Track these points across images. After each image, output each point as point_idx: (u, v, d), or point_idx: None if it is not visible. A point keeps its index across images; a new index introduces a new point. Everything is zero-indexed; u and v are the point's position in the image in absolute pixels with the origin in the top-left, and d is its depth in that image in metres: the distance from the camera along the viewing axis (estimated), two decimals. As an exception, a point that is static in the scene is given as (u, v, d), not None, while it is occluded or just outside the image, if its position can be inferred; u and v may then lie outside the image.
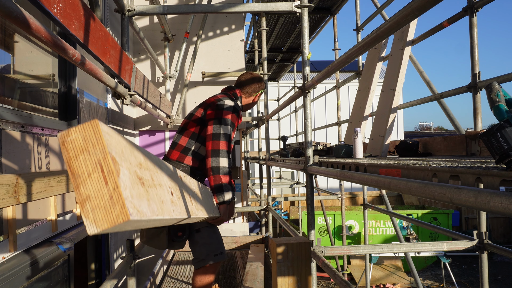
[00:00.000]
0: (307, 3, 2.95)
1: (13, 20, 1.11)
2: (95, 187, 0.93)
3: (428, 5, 1.17)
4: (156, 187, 1.27)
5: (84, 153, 0.96)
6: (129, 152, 1.14)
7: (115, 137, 1.06)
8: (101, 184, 0.93)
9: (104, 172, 0.94)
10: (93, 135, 0.97)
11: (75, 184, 0.93)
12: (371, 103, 4.05)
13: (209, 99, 2.59)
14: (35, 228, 2.48)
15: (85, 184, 0.93)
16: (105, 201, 0.93)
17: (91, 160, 0.95)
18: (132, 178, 1.06)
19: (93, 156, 0.95)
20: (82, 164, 0.95)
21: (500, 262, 11.08)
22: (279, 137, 9.39)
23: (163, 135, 5.52)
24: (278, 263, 2.46)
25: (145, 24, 5.54)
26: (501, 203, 0.82)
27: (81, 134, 0.98)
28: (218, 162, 2.31)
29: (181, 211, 1.53)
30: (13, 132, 2.25)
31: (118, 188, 0.94)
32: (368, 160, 2.33)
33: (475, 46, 2.90)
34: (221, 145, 2.32)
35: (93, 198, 0.92)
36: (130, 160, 1.12)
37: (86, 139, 0.97)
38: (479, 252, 2.81)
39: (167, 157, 2.52)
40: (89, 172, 0.94)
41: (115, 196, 0.93)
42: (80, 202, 0.93)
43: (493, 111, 1.21)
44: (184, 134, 2.48)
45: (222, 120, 2.37)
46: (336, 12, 6.25)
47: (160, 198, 1.27)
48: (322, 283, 9.43)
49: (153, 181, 1.26)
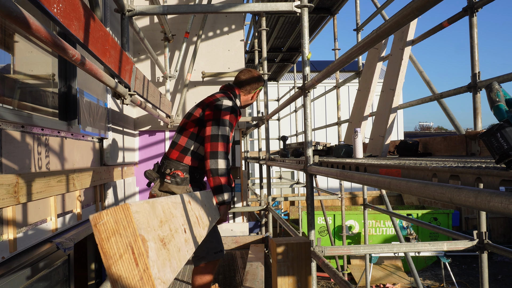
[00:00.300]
0: (307, 3, 2.95)
1: (13, 20, 1.11)
2: (126, 268, 0.98)
3: (428, 5, 1.17)
4: (174, 237, 1.35)
5: (115, 235, 1.00)
6: (152, 215, 1.20)
7: (142, 210, 1.12)
8: (132, 265, 0.98)
9: (135, 254, 0.99)
10: (124, 218, 1.02)
11: (107, 264, 0.99)
12: (371, 103, 4.05)
13: (207, 99, 2.59)
14: (35, 228, 2.48)
15: (117, 265, 0.98)
16: (135, 282, 0.98)
17: (123, 242, 1.00)
18: (157, 247, 1.13)
19: (124, 238, 1.00)
20: (113, 245, 1.00)
21: (500, 262, 11.08)
22: (279, 137, 9.39)
23: (163, 135, 5.52)
24: (278, 263, 2.46)
25: (145, 24, 5.54)
26: (501, 203, 0.82)
27: (112, 217, 1.02)
28: (217, 164, 2.32)
29: (193, 244, 1.64)
30: (13, 132, 2.25)
31: (148, 269, 1.00)
32: (368, 160, 2.33)
33: (475, 46, 2.90)
34: (219, 146, 2.34)
35: (124, 278, 0.97)
36: (154, 224, 1.18)
37: (118, 221, 1.01)
38: (479, 252, 2.81)
39: (167, 156, 2.53)
40: (120, 253, 0.99)
41: (145, 277, 0.99)
42: (112, 282, 0.98)
43: (493, 111, 1.21)
44: (183, 134, 2.50)
45: (220, 121, 2.38)
46: (336, 12, 6.25)
47: (177, 247, 1.36)
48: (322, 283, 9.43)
49: (170, 231, 1.34)
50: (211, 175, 2.34)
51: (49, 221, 2.67)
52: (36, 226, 2.49)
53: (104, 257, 0.99)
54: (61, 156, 2.92)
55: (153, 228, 1.15)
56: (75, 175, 2.98)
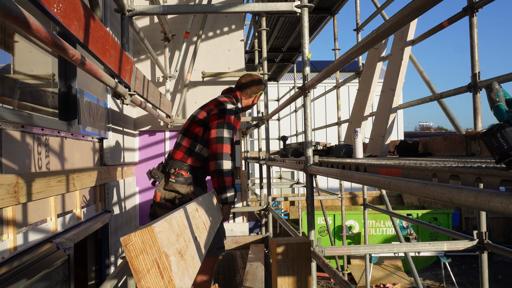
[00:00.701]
0: (307, 3, 2.95)
1: (13, 20, 1.11)
2: (153, 280, 1.16)
3: (428, 5, 1.17)
4: (188, 247, 1.52)
5: (143, 253, 1.18)
6: (170, 231, 1.37)
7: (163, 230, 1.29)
8: (158, 278, 1.16)
9: (160, 268, 1.17)
10: (150, 238, 1.19)
11: (137, 278, 1.16)
12: (371, 103, 4.04)
13: (211, 102, 2.70)
14: (35, 228, 2.48)
15: (145, 278, 1.15)
16: None
17: (149, 258, 1.18)
18: (176, 260, 1.30)
19: (150, 255, 1.18)
20: (141, 262, 1.17)
21: (500, 262, 11.08)
22: (279, 137, 9.39)
23: (163, 135, 5.52)
24: (278, 263, 2.46)
25: (145, 24, 5.54)
26: (501, 203, 0.82)
27: (140, 238, 1.19)
28: (222, 165, 2.42)
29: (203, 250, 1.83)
30: (13, 132, 2.25)
31: (172, 281, 1.18)
32: (368, 160, 2.33)
33: (475, 46, 2.90)
34: (224, 148, 2.44)
35: None
36: (172, 240, 1.35)
37: (144, 242, 1.18)
38: (479, 252, 2.81)
39: (172, 156, 2.60)
40: (148, 268, 1.17)
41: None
42: None
43: (493, 111, 1.21)
44: (188, 136, 2.59)
45: (225, 124, 2.49)
46: (336, 12, 6.25)
47: (191, 255, 1.53)
48: (322, 283, 9.43)
49: (185, 242, 1.51)
50: (215, 176, 2.43)
51: (49, 221, 2.67)
52: (36, 226, 2.49)
53: (134, 272, 1.15)
54: (61, 156, 2.92)
55: (172, 243, 1.32)
56: (75, 175, 2.98)
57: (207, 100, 2.94)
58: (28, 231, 2.38)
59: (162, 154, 5.52)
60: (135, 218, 5.33)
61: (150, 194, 5.43)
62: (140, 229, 1.20)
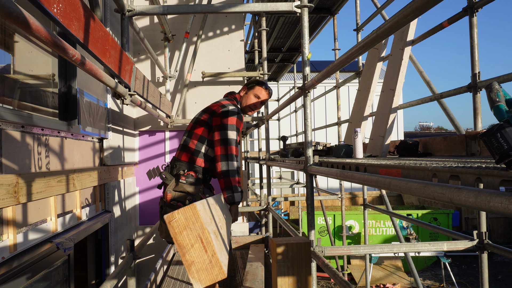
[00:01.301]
0: (307, 3, 2.95)
1: (13, 20, 1.11)
2: (197, 254, 1.24)
3: (428, 5, 1.17)
4: (219, 231, 1.62)
5: (186, 229, 1.26)
6: (206, 213, 1.44)
7: (202, 209, 1.36)
8: (202, 252, 1.24)
9: (204, 243, 1.26)
10: (192, 215, 1.27)
11: (181, 252, 1.24)
12: (371, 103, 4.04)
13: (213, 105, 2.75)
14: (35, 228, 2.48)
15: (189, 252, 1.23)
16: (206, 265, 1.23)
17: (192, 234, 1.26)
18: (214, 238, 1.37)
19: (193, 231, 1.26)
20: (185, 238, 1.25)
21: (500, 262, 11.07)
22: (279, 137, 9.39)
23: (163, 135, 5.52)
24: (278, 263, 2.46)
25: (145, 24, 5.54)
26: (501, 203, 0.82)
27: (183, 215, 1.27)
28: (228, 166, 2.48)
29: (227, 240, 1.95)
30: (13, 132, 2.25)
31: (215, 254, 1.27)
32: (368, 160, 2.33)
33: (475, 46, 2.90)
34: (229, 149, 2.50)
35: (197, 263, 1.23)
36: (208, 221, 1.42)
37: (187, 218, 1.27)
38: (479, 252, 2.81)
39: (178, 158, 2.63)
40: (192, 243, 1.25)
41: (213, 261, 1.26)
42: (187, 266, 1.23)
43: (493, 111, 1.21)
44: (193, 137, 2.64)
45: (228, 126, 2.55)
46: (336, 12, 6.25)
47: (221, 240, 1.62)
48: (322, 283, 9.43)
49: (216, 227, 1.60)
50: (222, 177, 2.48)
51: (49, 221, 2.67)
52: (36, 226, 2.49)
53: (179, 247, 1.23)
54: (61, 156, 2.92)
55: (208, 224, 1.41)
56: (75, 175, 2.98)
57: (207, 100, 2.95)
58: (28, 231, 2.38)
59: (162, 154, 5.51)
60: (135, 218, 5.33)
61: (150, 194, 5.44)
62: (182, 207, 1.29)
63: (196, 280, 1.18)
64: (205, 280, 1.17)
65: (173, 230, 1.21)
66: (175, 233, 1.21)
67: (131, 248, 2.57)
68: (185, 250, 1.19)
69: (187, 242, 1.21)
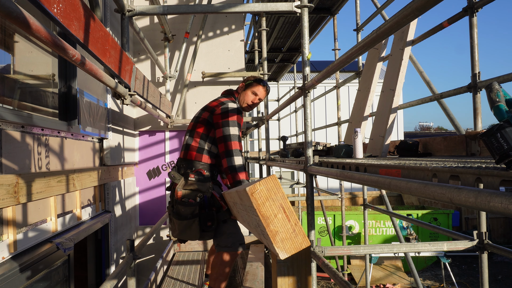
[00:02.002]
0: (307, 3, 2.95)
1: (13, 20, 1.11)
2: (281, 224, 1.26)
3: (428, 5, 1.17)
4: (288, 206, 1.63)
5: (269, 200, 1.28)
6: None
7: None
8: (285, 221, 1.26)
9: (286, 212, 1.28)
10: (274, 186, 1.30)
11: (265, 223, 1.26)
12: (371, 103, 4.04)
13: (212, 103, 2.77)
14: (35, 228, 2.48)
15: (273, 222, 1.26)
16: (290, 234, 1.26)
17: (275, 204, 1.28)
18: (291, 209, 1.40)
19: (276, 201, 1.28)
20: (268, 208, 1.27)
21: (500, 262, 11.07)
22: (279, 137, 9.38)
23: (163, 135, 5.52)
24: (278, 263, 2.46)
25: (145, 24, 5.54)
26: (501, 203, 0.82)
27: (264, 186, 1.29)
28: (234, 161, 2.52)
29: None
30: (13, 132, 2.25)
31: (298, 222, 1.28)
32: (368, 160, 2.33)
33: (475, 46, 2.90)
34: (233, 145, 2.54)
35: (281, 232, 1.25)
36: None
37: (269, 189, 1.29)
38: (479, 252, 2.81)
39: (184, 158, 2.66)
40: (275, 213, 1.28)
41: (297, 229, 1.28)
42: (272, 237, 1.25)
43: (493, 111, 1.21)
44: (195, 136, 2.67)
45: (230, 122, 2.58)
46: (336, 12, 6.25)
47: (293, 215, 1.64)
48: (322, 283, 9.43)
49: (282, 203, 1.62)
50: (229, 172, 2.52)
51: (49, 221, 2.67)
52: (36, 226, 2.49)
53: (262, 219, 1.25)
54: (61, 156, 2.92)
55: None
56: (75, 175, 2.98)
57: (207, 100, 2.95)
58: (28, 231, 2.38)
59: (162, 154, 5.51)
60: (135, 218, 5.33)
61: (150, 194, 5.44)
62: (262, 178, 1.31)
63: (282, 250, 1.21)
64: (290, 249, 1.21)
65: (255, 201, 1.23)
66: (258, 204, 1.22)
67: (131, 248, 2.57)
68: (269, 221, 1.22)
69: (270, 213, 1.23)
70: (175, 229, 2.54)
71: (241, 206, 1.79)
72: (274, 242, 1.21)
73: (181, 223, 2.48)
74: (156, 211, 5.38)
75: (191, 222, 2.45)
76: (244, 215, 1.85)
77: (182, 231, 2.49)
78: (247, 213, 1.68)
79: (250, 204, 1.33)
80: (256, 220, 1.43)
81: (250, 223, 1.75)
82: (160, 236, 5.36)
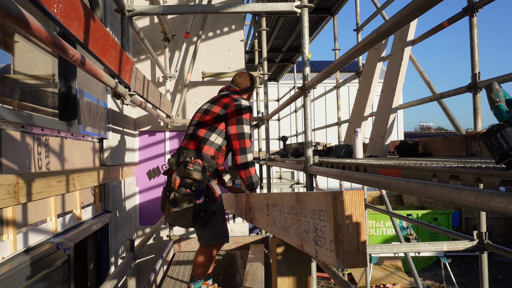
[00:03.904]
0: (307, 3, 2.95)
1: (13, 20, 1.11)
2: (349, 237, 1.23)
3: (428, 5, 1.17)
4: None
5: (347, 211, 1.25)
6: None
7: None
8: (354, 236, 1.23)
9: (359, 229, 1.25)
10: (357, 201, 1.28)
11: (335, 231, 1.24)
12: (371, 103, 4.04)
13: (223, 98, 2.85)
14: (35, 228, 2.48)
15: (342, 232, 1.23)
16: (353, 250, 1.24)
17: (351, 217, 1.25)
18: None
19: (353, 216, 1.25)
20: (344, 218, 1.23)
21: (500, 262, 11.07)
22: (279, 137, 9.38)
23: (163, 135, 5.52)
24: (278, 263, 2.46)
25: (145, 24, 5.54)
26: (501, 203, 0.82)
27: (349, 197, 1.27)
28: (247, 158, 2.71)
29: None
30: (13, 132, 2.25)
31: (365, 243, 1.25)
32: (368, 160, 2.33)
33: (475, 46, 2.90)
34: (246, 143, 2.72)
35: (345, 244, 1.23)
36: None
37: (352, 202, 1.27)
38: (479, 252, 2.81)
39: (186, 147, 2.73)
40: (347, 225, 1.24)
41: (361, 248, 1.25)
42: (335, 243, 1.24)
43: (493, 111, 1.21)
44: (201, 127, 2.76)
45: (244, 120, 2.73)
46: (336, 12, 6.25)
47: None
48: (322, 283, 9.43)
49: None
50: (242, 168, 2.72)
51: (49, 221, 2.67)
52: (36, 226, 2.49)
53: (334, 226, 1.24)
54: (61, 156, 2.92)
55: None
56: (75, 175, 2.98)
57: (207, 100, 2.95)
58: (28, 231, 2.38)
59: (162, 154, 5.51)
60: (135, 218, 5.33)
61: (150, 194, 5.44)
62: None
63: (340, 260, 1.21)
64: (347, 263, 1.21)
65: (335, 207, 1.22)
66: (336, 210, 1.22)
67: (131, 248, 2.57)
68: (340, 230, 1.22)
69: (343, 223, 1.23)
70: (169, 214, 2.60)
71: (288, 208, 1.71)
72: (335, 247, 1.23)
73: (176, 211, 2.54)
74: (156, 211, 5.38)
75: (185, 211, 2.52)
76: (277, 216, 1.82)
77: (176, 218, 2.56)
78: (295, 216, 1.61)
79: (321, 208, 1.31)
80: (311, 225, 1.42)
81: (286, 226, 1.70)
82: (160, 236, 5.36)
